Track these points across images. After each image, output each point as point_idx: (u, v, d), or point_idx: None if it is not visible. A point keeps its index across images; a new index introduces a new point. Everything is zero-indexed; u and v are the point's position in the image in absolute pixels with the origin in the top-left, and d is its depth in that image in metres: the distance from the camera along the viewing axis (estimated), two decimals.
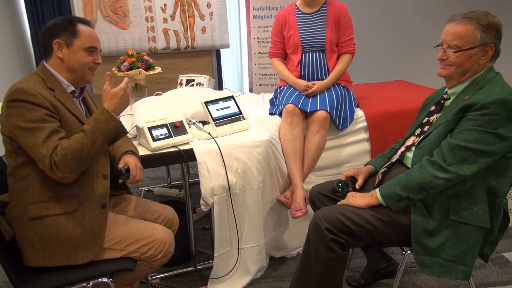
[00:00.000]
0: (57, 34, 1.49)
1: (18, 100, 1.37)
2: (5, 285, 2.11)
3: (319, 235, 1.55)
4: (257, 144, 2.04)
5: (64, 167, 1.37)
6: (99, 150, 1.44)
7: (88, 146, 1.40)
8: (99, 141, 1.42)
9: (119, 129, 1.47)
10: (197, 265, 2.22)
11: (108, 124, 1.44)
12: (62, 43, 1.50)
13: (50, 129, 1.39)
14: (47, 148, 1.36)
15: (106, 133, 1.43)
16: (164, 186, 3.26)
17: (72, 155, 1.37)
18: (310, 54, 2.40)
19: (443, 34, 1.54)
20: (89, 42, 1.53)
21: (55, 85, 1.50)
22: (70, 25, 1.50)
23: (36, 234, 1.44)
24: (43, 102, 1.40)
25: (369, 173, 1.84)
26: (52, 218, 1.45)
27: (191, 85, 2.87)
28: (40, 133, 1.37)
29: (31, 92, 1.38)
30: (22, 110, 1.37)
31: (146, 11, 3.52)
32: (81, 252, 1.47)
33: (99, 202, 1.53)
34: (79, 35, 1.51)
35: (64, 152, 1.37)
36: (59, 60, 1.51)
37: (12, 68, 4.17)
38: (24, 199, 1.45)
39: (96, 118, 1.44)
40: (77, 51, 1.51)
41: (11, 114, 1.38)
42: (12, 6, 4.19)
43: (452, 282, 2.08)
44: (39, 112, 1.38)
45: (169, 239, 1.64)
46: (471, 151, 1.41)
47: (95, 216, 1.50)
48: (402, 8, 4.86)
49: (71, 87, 1.55)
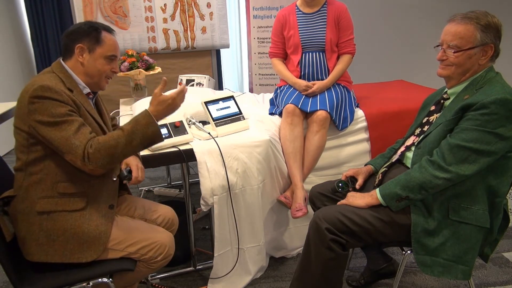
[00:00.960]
0: (81, 38, 1.51)
1: (43, 97, 1.38)
2: (5, 285, 2.11)
3: (319, 235, 1.55)
4: (257, 144, 2.04)
5: (96, 161, 1.39)
6: (133, 151, 1.46)
7: (123, 145, 1.41)
8: (135, 143, 1.43)
9: (157, 136, 1.48)
10: (197, 265, 2.23)
11: (148, 128, 1.45)
12: (85, 48, 1.52)
13: (78, 122, 1.41)
14: (80, 140, 1.38)
15: (143, 136, 1.44)
16: (164, 186, 3.26)
17: (106, 151, 1.39)
18: (310, 54, 2.41)
19: (442, 34, 1.54)
20: (111, 51, 1.55)
21: (73, 85, 1.51)
22: (96, 32, 1.53)
23: (42, 229, 1.45)
24: (67, 100, 1.42)
25: (369, 173, 1.84)
26: (59, 214, 1.46)
27: (191, 85, 2.87)
28: (70, 126, 1.39)
29: (56, 89, 1.40)
30: (47, 105, 1.38)
31: (146, 11, 3.52)
32: (86, 251, 1.48)
33: (107, 203, 1.54)
34: (103, 42, 1.53)
35: (99, 146, 1.39)
36: (79, 64, 1.53)
37: (12, 68, 4.17)
38: (34, 193, 1.45)
39: (137, 120, 1.46)
40: (98, 58, 1.53)
41: (35, 109, 1.38)
42: (12, 6, 4.19)
43: (452, 282, 2.08)
44: (65, 108, 1.40)
45: (169, 241, 1.64)
46: (471, 150, 1.41)
47: (102, 216, 1.51)
48: (402, 8, 4.86)
49: (87, 89, 1.57)
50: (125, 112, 2.57)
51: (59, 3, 4.04)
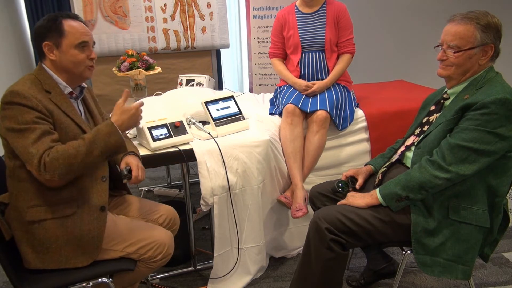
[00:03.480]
0: (44, 36, 1.45)
1: (12, 103, 1.35)
2: (5, 285, 2.11)
3: (319, 235, 1.55)
4: (257, 144, 2.04)
5: (53, 170, 1.33)
6: (93, 161, 1.41)
7: (83, 154, 1.37)
8: (96, 152, 1.39)
9: (119, 145, 1.43)
10: (197, 265, 2.22)
11: (110, 138, 1.41)
12: (51, 45, 1.45)
13: (41, 130, 1.36)
14: (37, 148, 1.33)
15: (105, 146, 1.40)
16: (164, 186, 3.26)
17: (64, 160, 1.34)
18: (310, 54, 2.41)
19: (443, 34, 1.54)
20: (78, 39, 1.46)
21: (51, 86, 1.47)
22: (55, 24, 1.44)
23: (35, 238, 1.43)
24: (36, 105, 1.37)
25: (369, 173, 1.84)
26: (50, 221, 1.44)
27: (191, 85, 2.87)
28: (31, 134, 1.34)
29: (25, 95, 1.36)
30: (15, 112, 1.35)
31: (146, 11, 3.52)
32: (81, 256, 1.47)
33: (98, 205, 1.51)
34: (66, 33, 1.44)
35: (57, 155, 1.34)
36: (53, 62, 1.48)
37: (12, 68, 4.17)
38: (22, 202, 1.43)
39: (99, 129, 1.42)
40: (68, 50, 1.46)
41: (5, 116, 1.36)
42: (12, 6, 4.19)
43: (452, 282, 2.08)
44: (31, 114, 1.36)
45: (168, 241, 1.64)
46: (471, 150, 1.41)
47: (94, 219, 1.49)
48: (402, 8, 4.86)
49: (68, 89, 1.52)
50: None
51: (59, 3, 4.04)
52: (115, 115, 1.47)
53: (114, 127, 1.42)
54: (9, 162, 1.44)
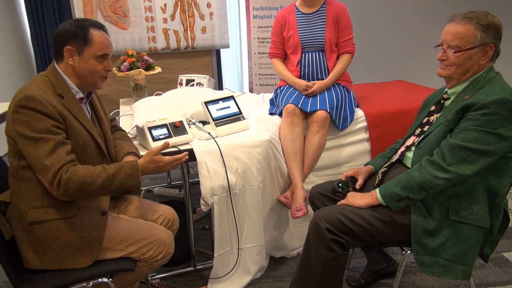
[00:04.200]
0: (68, 40, 1.45)
1: (27, 108, 1.34)
2: (5, 285, 2.11)
3: (319, 235, 1.55)
4: (257, 144, 2.04)
5: (65, 189, 1.36)
6: (105, 193, 1.45)
7: (98, 186, 1.39)
8: (111, 188, 1.42)
9: (135, 188, 1.46)
10: (197, 265, 2.22)
11: (129, 180, 1.43)
12: (73, 50, 1.46)
13: (55, 142, 1.36)
14: (52, 162, 1.34)
15: (121, 185, 1.42)
16: (164, 186, 3.26)
17: (79, 184, 1.37)
18: (309, 54, 2.41)
19: (443, 34, 1.54)
20: (101, 50, 1.49)
21: (64, 91, 1.47)
22: (82, 32, 1.45)
23: (35, 238, 1.44)
24: (51, 112, 1.37)
25: (369, 173, 1.84)
26: (51, 223, 1.44)
27: (191, 85, 2.87)
28: (45, 145, 1.35)
29: (41, 100, 1.35)
30: (29, 118, 1.34)
31: (146, 11, 3.52)
32: (80, 257, 1.47)
33: (99, 209, 1.52)
34: (91, 42, 1.46)
35: (73, 178, 1.36)
36: (70, 66, 1.48)
37: (12, 69, 4.17)
38: (24, 202, 1.43)
39: (122, 167, 1.43)
40: (88, 59, 1.47)
41: (17, 120, 1.35)
42: (12, 6, 4.19)
43: (452, 282, 2.08)
44: (46, 122, 1.36)
45: (169, 240, 1.64)
46: (471, 151, 1.41)
47: (94, 222, 1.50)
48: (402, 8, 4.86)
49: (80, 94, 1.53)
50: (125, 112, 2.57)
51: (59, 3, 4.04)
52: (144, 159, 1.49)
53: (137, 171, 1.44)
54: (13, 161, 1.44)
